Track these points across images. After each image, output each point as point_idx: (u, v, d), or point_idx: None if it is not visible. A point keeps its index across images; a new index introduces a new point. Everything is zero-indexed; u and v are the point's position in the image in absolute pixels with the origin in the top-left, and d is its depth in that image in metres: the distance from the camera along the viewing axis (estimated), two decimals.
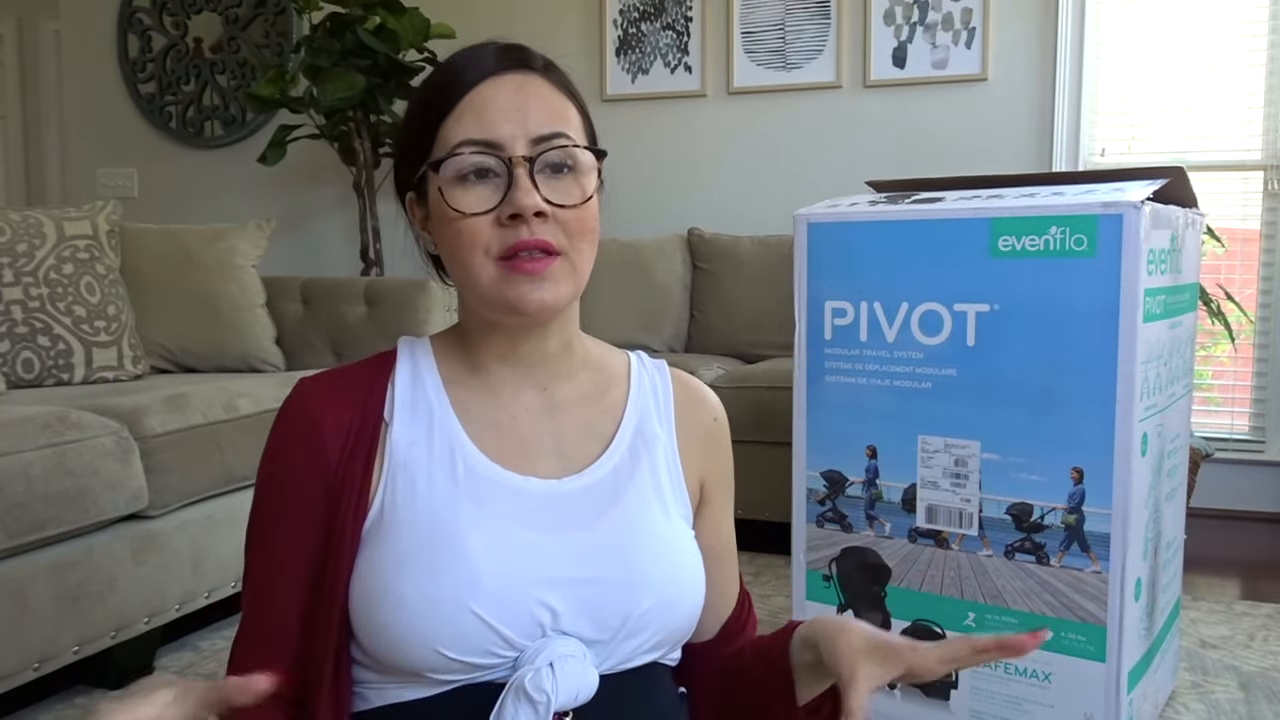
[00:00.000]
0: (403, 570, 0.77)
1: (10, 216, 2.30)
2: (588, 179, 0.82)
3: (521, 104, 0.80)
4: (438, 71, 0.84)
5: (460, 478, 0.81)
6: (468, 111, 0.80)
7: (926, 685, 1.61)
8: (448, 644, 0.76)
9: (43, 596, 1.61)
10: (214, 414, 1.95)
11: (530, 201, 0.77)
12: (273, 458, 0.85)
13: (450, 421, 0.84)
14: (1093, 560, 1.46)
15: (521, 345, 0.86)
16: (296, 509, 0.82)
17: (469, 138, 0.79)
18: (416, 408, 0.85)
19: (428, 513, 0.80)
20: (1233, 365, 3.17)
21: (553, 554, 0.80)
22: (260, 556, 0.84)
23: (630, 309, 3.23)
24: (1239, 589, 2.45)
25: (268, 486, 0.85)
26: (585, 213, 0.81)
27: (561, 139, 0.80)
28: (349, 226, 3.82)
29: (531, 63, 0.83)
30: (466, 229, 0.78)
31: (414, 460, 0.82)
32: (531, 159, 0.78)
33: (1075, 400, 1.45)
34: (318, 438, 0.82)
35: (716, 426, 0.96)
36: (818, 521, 1.71)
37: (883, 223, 1.61)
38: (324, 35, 3.27)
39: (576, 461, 0.86)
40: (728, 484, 0.97)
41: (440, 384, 0.86)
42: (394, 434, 0.83)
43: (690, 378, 0.97)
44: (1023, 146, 3.22)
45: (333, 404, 0.84)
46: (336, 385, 0.86)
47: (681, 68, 3.52)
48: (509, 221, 0.78)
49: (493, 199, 0.78)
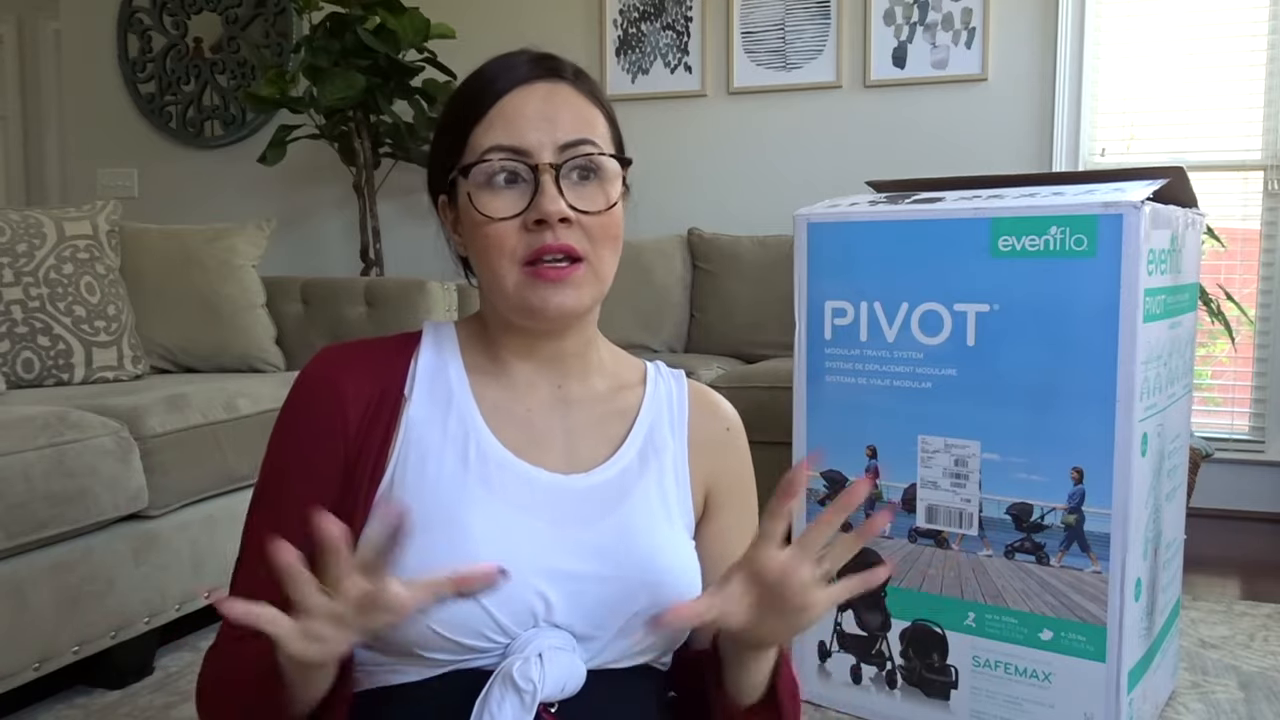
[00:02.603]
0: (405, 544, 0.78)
1: (10, 216, 2.30)
2: (612, 186, 0.84)
3: (550, 112, 0.82)
4: (471, 79, 0.86)
5: (471, 460, 0.83)
6: (498, 119, 0.82)
7: (926, 685, 1.61)
8: (441, 621, 0.77)
9: (43, 596, 1.61)
10: (214, 414, 1.95)
11: (555, 208, 0.79)
12: (292, 417, 0.86)
13: (469, 405, 0.86)
14: (1093, 560, 1.46)
15: (541, 345, 0.88)
16: (315, 467, 0.84)
17: (498, 144, 0.81)
18: (436, 388, 0.87)
19: (435, 491, 0.81)
20: (1232, 365, 3.17)
21: (553, 545, 0.81)
22: (272, 508, 0.85)
23: (630, 309, 3.22)
24: (1239, 589, 2.45)
25: (286, 443, 0.86)
26: (609, 219, 0.83)
27: (587, 145, 0.82)
28: (349, 226, 3.82)
29: (562, 71, 0.85)
30: (493, 233, 0.81)
31: (428, 438, 0.84)
32: (557, 165, 0.81)
33: (1075, 400, 1.45)
34: (340, 402, 0.84)
35: (729, 436, 0.97)
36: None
37: (883, 223, 1.61)
38: (324, 35, 3.26)
39: (585, 461, 0.87)
40: (742, 494, 0.97)
41: (462, 368, 0.88)
42: (411, 410, 0.85)
43: (707, 389, 0.99)
44: (1023, 146, 3.22)
45: (354, 373, 0.86)
46: (360, 356, 0.88)
47: (681, 68, 3.52)
48: (534, 227, 0.80)
49: (519, 204, 0.81)
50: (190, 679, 1.85)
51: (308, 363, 0.88)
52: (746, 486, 0.98)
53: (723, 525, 0.95)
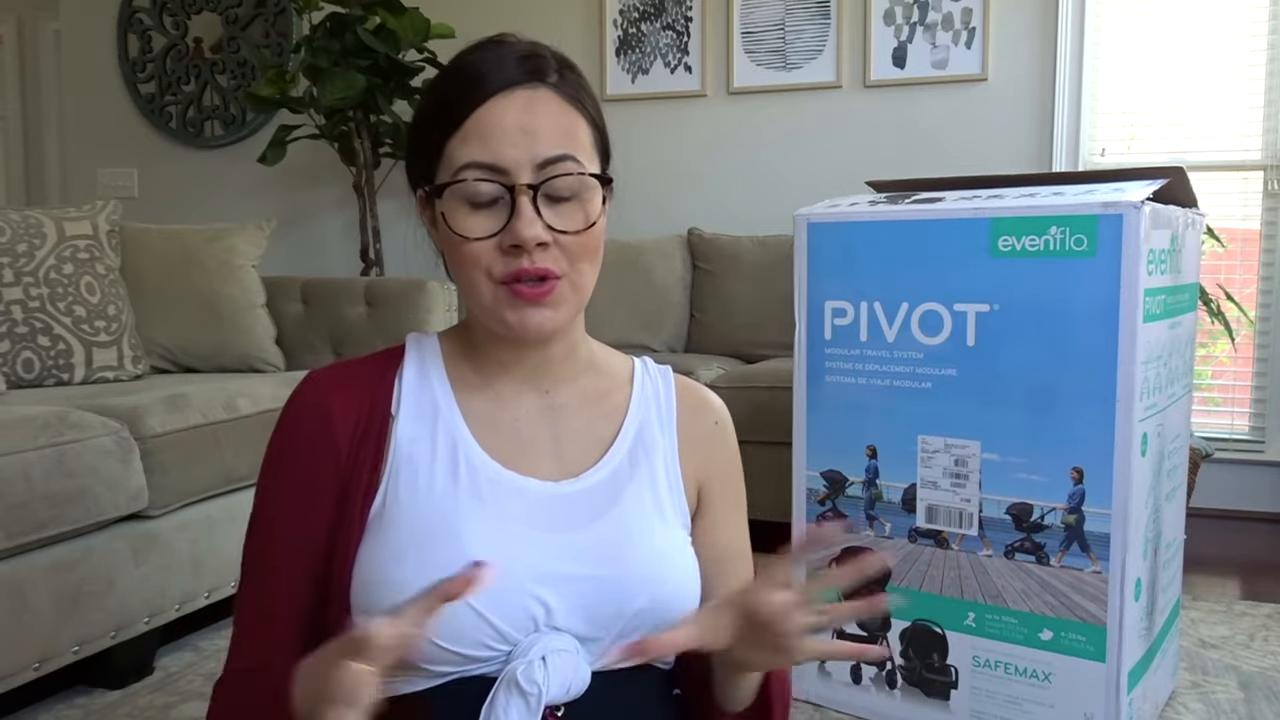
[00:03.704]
0: (401, 560, 0.79)
1: (10, 216, 2.30)
2: (592, 203, 0.81)
3: (529, 124, 0.79)
4: (446, 80, 0.82)
5: (461, 474, 0.83)
6: (474, 133, 0.79)
7: (926, 685, 1.61)
8: (442, 634, 0.77)
9: (43, 596, 1.61)
10: (214, 414, 1.95)
11: (531, 233, 0.77)
12: (284, 445, 0.86)
13: (455, 419, 0.85)
14: (1093, 560, 1.46)
15: (525, 354, 0.87)
16: (311, 493, 0.83)
17: (474, 160, 0.78)
18: (422, 404, 0.86)
19: (427, 507, 0.81)
20: (1233, 365, 3.17)
21: (549, 551, 0.81)
22: (269, 538, 0.85)
23: (630, 309, 3.22)
24: (1239, 589, 2.45)
25: (281, 471, 0.85)
26: (588, 237, 0.81)
27: (568, 162, 0.79)
28: (349, 226, 3.82)
29: (544, 73, 0.81)
30: (469, 251, 0.79)
31: (417, 455, 0.83)
32: (535, 185, 0.78)
33: (1075, 400, 1.45)
34: (330, 427, 0.84)
35: (717, 430, 0.96)
36: (818, 521, 1.71)
37: (883, 223, 1.61)
38: (324, 35, 3.26)
39: (575, 465, 0.87)
40: (731, 486, 0.97)
41: (447, 382, 0.87)
42: (399, 429, 0.84)
43: (694, 383, 0.98)
44: (1023, 146, 3.22)
45: (342, 396, 0.85)
46: (345, 378, 0.87)
47: (681, 68, 3.52)
48: (510, 250, 0.78)
49: (495, 225, 0.78)
50: (190, 679, 1.86)
51: (295, 390, 0.87)
52: (736, 479, 0.98)
53: (715, 519, 0.95)
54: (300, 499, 0.84)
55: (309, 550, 0.83)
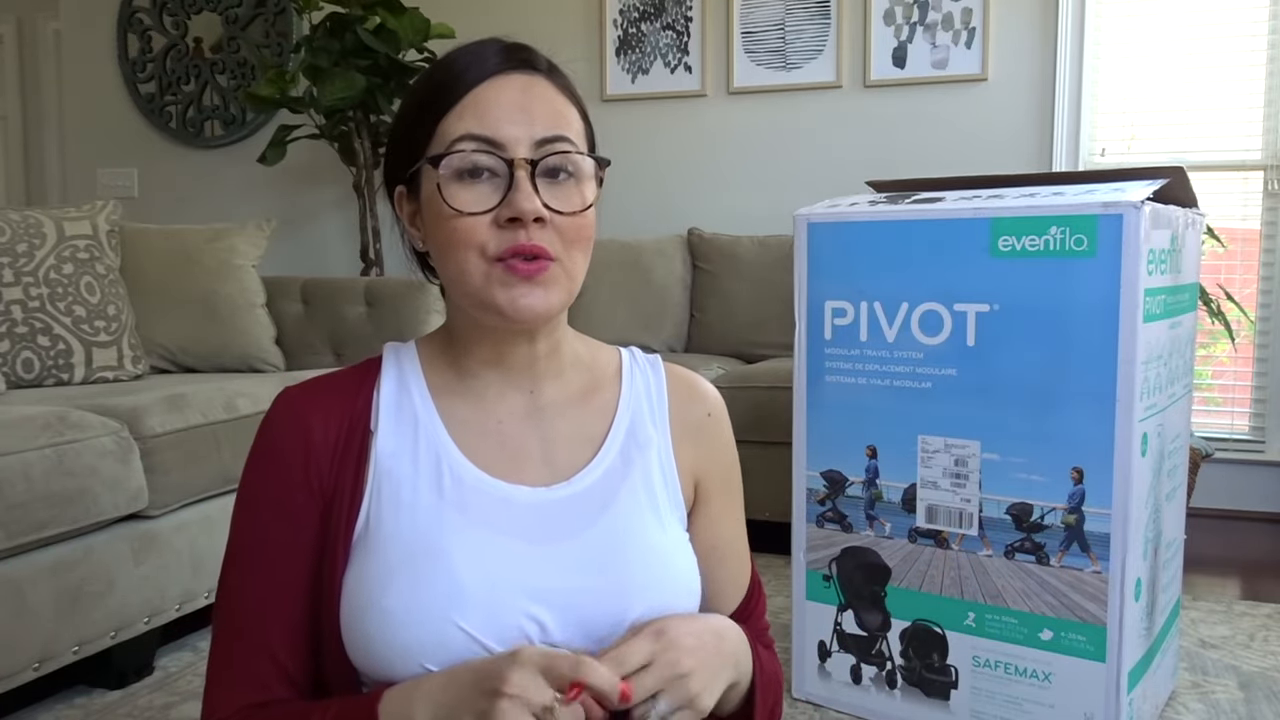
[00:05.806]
0: (387, 585, 0.76)
1: (10, 216, 2.29)
2: (587, 186, 0.80)
3: (526, 105, 0.78)
4: (437, 69, 0.81)
5: (446, 488, 0.80)
6: (470, 108, 0.78)
7: (926, 685, 1.61)
8: (432, 658, 0.75)
9: (43, 596, 1.61)
10: (214, 414, 1.95)
11: (530, 206, 0.75)
12: (261, 466, 0.83)
13: (436, 429, 0.82)
14: (1093, 560, 1.46)
15: (509, 349, 0.84)
16: (291, 517, 0.81)
17: (470, 133, 0.77)
18: (402, 417, 0.83)
19: (411, 525, 0.79)
20: (1233, 365, 3.17)
21: (540, 564, 0.79)
22: (254, 565, 0.82)
23: (630, 309, 3.23)
24: (1239, 589, 2.45)
25: (259, 496, 0.82)
26: (583, 220, 0.79)
27: (564, 143, 0.79)
28: (349, 226, 3.82)
29: (536, 64, 0.81)
30: (462, 227, 0.76)
31: (399, 470, 0.81)
32: (534, 162, 0.77)
33: (1075, 400, 1.45)
34: (308, 446, 0.81)
35: (711, 422, 0.93)
36: (818, 521, 1.71)
37: (883, 223, 1.61)
38: (324, 35, 3.27)
39: (565, 468, 0.84)
40: (727, 479, 0.94)
41: (426, 391, 0.84)
42: (379, 444, 0.82)
43: (685, 371, 0.95)
44: (1023, 146, 3.22)
45: (319, 413, 0.82)
46: (321, 394, 0.84)
47: (681, 68, 3.52)
48: (507, 224, 0.76)
49: (491, 199, 0.76)
50: (190, 679, 1.86)
51: (270, 411, 0.84)
52: (733, 471, 0.95)
53: (713, 513, 0.92)
54: (284, 524, 0.81)
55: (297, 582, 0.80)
